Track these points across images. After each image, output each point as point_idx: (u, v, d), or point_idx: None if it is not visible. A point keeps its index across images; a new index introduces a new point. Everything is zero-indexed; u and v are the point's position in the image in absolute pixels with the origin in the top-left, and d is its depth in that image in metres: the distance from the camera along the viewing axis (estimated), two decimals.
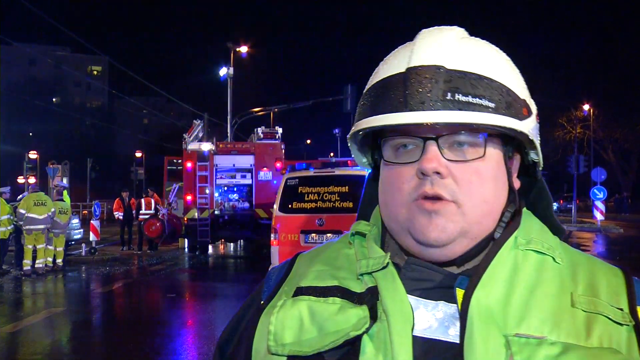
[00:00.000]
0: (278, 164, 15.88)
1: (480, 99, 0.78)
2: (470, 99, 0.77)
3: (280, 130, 17.75)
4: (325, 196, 8.86)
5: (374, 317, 0.78)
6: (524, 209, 0.89)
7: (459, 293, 0.78)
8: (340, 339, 0.77)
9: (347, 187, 8.92)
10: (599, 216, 25.25)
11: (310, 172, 9.24)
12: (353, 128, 0.87)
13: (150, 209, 17.00)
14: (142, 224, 16.71)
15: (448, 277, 0.81)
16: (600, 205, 25.14)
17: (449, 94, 0.77)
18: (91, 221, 16.14)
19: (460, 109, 0.77)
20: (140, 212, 17.03)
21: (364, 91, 0.88)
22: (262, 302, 0.91)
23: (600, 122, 40.89)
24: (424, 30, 0.86)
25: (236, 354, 0.92)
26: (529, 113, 0.84)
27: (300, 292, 0.85)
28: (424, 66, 0.79)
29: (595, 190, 25.24)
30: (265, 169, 16.04)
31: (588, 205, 35.10)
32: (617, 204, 43.37)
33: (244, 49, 27.59)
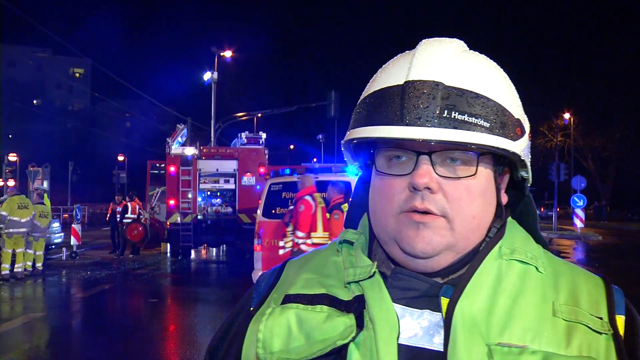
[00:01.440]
0: (261, 169, 15.86)
1: (476, 118, 0.78)
2: (466, 117, 0.78)
3: (264, 135, 17.74)
4: None
5: (360, 325, 0.80)
6: (509, 219, 0.91)
7: (444, 302, 0.79)
8: (328, 348, 0.79)
9: None
10: (578, 224, 25.56)
11: (294, 178, 9.25)
12: (348, 135, 0.88)
13: (134, 213, 16.89)
14: (124, 229, 16.57)
15: (433, 286, 0.82)
16: (580, 212, 25.46)
17: (446, 112, 0.78)
18: (72, 225, 15.94)
19: (455, 127, 0.77)
20: (126, 216, 16.90)
21: (361, 98, 0.89)
22: (251, 308, 0.92)
23: (580, 130, 41.48)
24: (424, 41, 0.86)
25: None
26: (522, 132, 0.84)
27: (288, 299, 0.86)
28: (423, 81, 0.80)
29: (575, 198, 25.55)
30: (248, 174, 16.01)
31: (568, 213, 35.50)
32: (596, 211, 43.96)
33: (228, 54, 27.53)
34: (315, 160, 38.83)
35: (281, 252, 7.95)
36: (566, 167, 30.56)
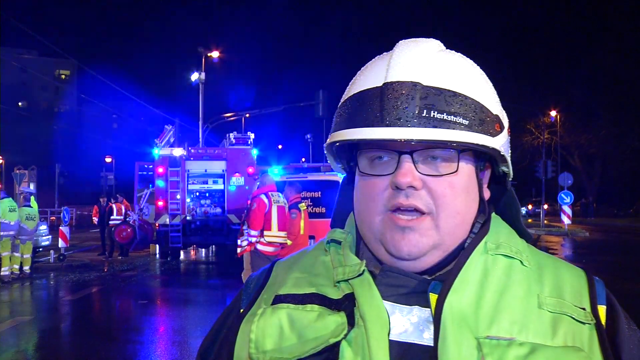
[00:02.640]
0: (250, 170, 15.84)
1: (455, 116, 0.80)
2: (445, 116, 0.79)
3: (252, 135, 17.69)
4: None
5: (351, 323, 0.81)
6: (493, 214, 0.92)
7: (432, 298, 0.81)
8: (320, 346, 0.80)
9: (319, 193, 8.98)
10: (566, 220, 25.79)
11: (283, 178, 9.28)
12: (329, 139, 0.89)
13: (121, 215, 16.80)
14: (112, 230, 16.47)
15: (422, 282, 0.84)
16: (567, 209, 25.67)
17: (425, 111, 0.79)
18: (60, 227, 15.82)
19: (435, 126, 0.79)
20: (112, 217, 16.80)
21: (341, 101, 0.90)
22: (241, 310, 0.93)
23: (566, 128, 41.83)
24: (401, 43, 0.87)
25: None
26: (501, 128, 0.86)
27: (279, 300, 0.87)
28: (401, 82, 0.81)
29: (562, 195, 25.76)
30: (237, 174, 15.97)
31: (556, 210, 35.83)
32: (583, 208, 44.41)
33: (215, 54, 27.45)
34: (303, 160, 38.81)
35: (239, 250, 7.89)
36: (553, 164, 30.82)
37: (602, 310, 0.84)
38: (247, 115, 30.00)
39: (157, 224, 15.82)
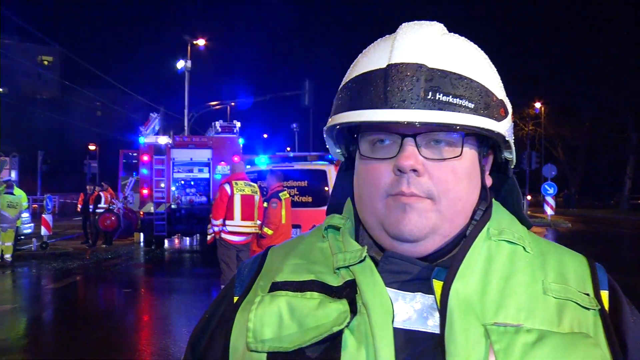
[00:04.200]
0: (236, 159, 15.77)
1: (460, 99, 0.78)
2: (450, 98, 0.78)
3: (238, 124, 17.61)
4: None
5: (354, 310, 0.79)
6: (494, 201, 0.91)
7: (436, 284, 0.79)
8: (323, 334, 0.77)
9: (306, 182, 8.97)
10: (549, 211, 26.06)
11: (270, 167, 9.24)
12: (330, 121, 0.87)
13: (107, 203, 16.69)
14: (96, 219, 16.35)
15: (425, 269, 0.82)
16: (550, 200, 25.94)
17: (430, 93, 0.77)
18: (43, 215, 15.66)
19: (440, 109, 0.77)
20: (98, 205, 16.68)
21: (342, 84, 0.88)
22: (235, 298, 0.91)
23: (550, 120, 42.18)
24: (404, 25, 0.86)
25: (208, 351, 0.91)
26: (506, 113, 0.85)
27: (276, 287, 0.85)
28: (405, 63, 0.79)
29: (546, 186, 26.01)
30: (223, 163, 15.89)
31: (539, 201, 36.16)
32: (566, 199, 44.92)
33: (201, 42, 27.21)
34: (288, 149, 38.76)
35: (208, 237, 7.86)
36: (537, 155, 31.10)
37: (604, 295, 0.84)
38: (232, 104, 29.82)
39: (141, 212, 15.72)
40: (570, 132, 43.68)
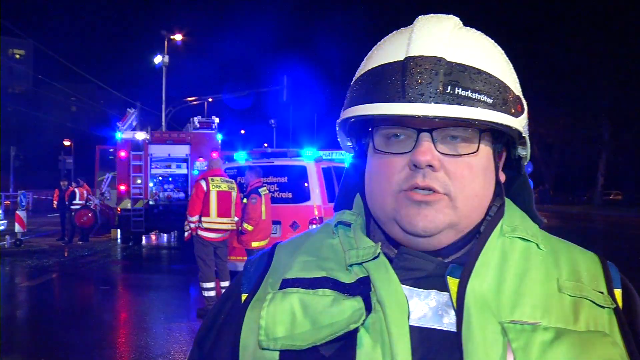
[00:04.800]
0: (214, 155, 15.67)
1: (479, 94, 0.77)
2: (469, 93, 0.77)
3: (217, 120, 17.51)
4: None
5: (368, 308, 0.77)
6: (505, 198, 0.90)
7: (451, 282, 0.78)
8: (339, 332, 0.76)
9: (286, 178, 8.94)
10: None
11: (249, 163, 9.20)
12: (345, 113, 0.85)
13: (83, 199, 16.46)
14: (73, 215, 16.13)
15: (439, 266, 0.81)
16: None
17: (449, 87, 0.76)
18: (17, 211, 15.40)
19: (459, 104, 0.76)
20: (74, 202, 16.44)
21: (356, 76, 0.86)
22: (243, 295, 0.89)
23: (528, 117, 42.66)
24: (421, 18, 0.84)
25: (215, 349, 0.90)
26: (522, 110, 0.84)
27: (287, 284, 0.83)
28: (424, 56, 0.78)
29: None
30: (201, 159, 15.79)
31: None
32: (541, 195, 45.64)
33: (179, 37, 26.96)
34: (266, 145, 38.61)
35: (186, 234, 7.79)
36: None
37: (618, 294, 0.83)
38: (210, 99, 29.63)
39: (118, 209, 15.56)
40: (545, 129, 44.34)
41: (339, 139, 0.95)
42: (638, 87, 37.04)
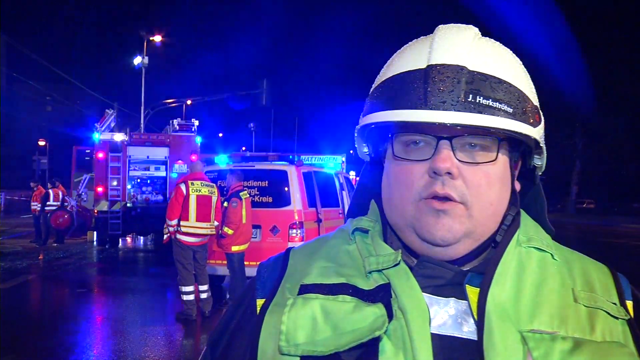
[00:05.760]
0: (194, 157, 15.59)
1: (500, 103, 0.79)
2: (490, 102, 0.78)
3: (196, 122, 17.41)
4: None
5: (390, 315, 0.77)
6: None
7: (470, 290, 0.79)
8: (362, 338, 0.75)
9: (267, 182, 8.92)
10: None
11: (230, 166, 9.18)
12: (365, 119, 0.86)
13: (58, 200, 16.21)
14: (48, 216, 15.87)
15: (458, 274, 0.82)
16: None
17: (471, 96, 0.78)
18: None
19: (480, 112, 0.77)
20: (47, 203, 16.18)
21: (376, 83, 0.88)
22: (259, 300, 0.88)
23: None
24: (441, 27, 0.86)
25: (227, 355, 0.89)
26: (540, 119, 0.85)
27: (306, 289, 0.83)
28: (446, 65, 0.79)
29: None
30: (180, 161, 15.70)
31: None
32: None
33: (158, 39, 26.76)
34: (244, 149, 38.44)
35: (164, 237, 7.73)
36: None
37: (629, 305, 0.84)
38: (189, 102, 29.43)
39: (95, 211, 15.37)
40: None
41: (356, 145, 0.96)
42: (611, 98, 37.87)
